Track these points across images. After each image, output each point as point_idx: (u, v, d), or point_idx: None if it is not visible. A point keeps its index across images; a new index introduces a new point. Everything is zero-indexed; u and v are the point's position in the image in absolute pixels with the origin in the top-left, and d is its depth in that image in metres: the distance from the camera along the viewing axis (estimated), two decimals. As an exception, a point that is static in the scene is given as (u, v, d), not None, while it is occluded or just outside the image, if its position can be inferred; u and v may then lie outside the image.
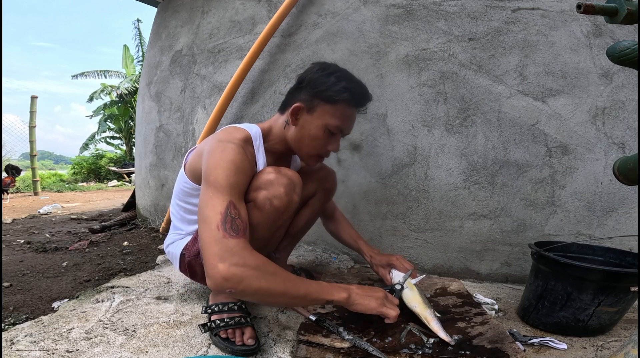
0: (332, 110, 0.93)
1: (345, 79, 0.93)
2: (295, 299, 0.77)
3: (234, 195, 0.80)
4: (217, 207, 0.76)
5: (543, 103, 1.34)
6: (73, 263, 1.55)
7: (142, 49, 10.61)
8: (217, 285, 0.71)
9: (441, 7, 1.44)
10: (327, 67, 0.95)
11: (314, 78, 0.93)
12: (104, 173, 8.74)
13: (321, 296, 0.79)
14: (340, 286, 0.83)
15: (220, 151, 0.85)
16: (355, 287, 0.86)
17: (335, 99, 0.91)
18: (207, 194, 0.80)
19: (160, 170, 2.22)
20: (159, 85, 2.23)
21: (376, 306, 0.83)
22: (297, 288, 0.76)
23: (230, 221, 0.75)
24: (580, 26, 1.31)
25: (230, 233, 0.73)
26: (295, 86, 0.98)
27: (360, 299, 0.83)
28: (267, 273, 0.73)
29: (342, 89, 0.91)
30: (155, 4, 2.40)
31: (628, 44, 0.61)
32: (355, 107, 0.96)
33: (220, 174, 0.80)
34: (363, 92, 0.96)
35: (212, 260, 0.71)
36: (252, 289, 0.71)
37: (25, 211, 3.23)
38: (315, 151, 0.98)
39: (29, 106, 5.05)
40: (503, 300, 1.22)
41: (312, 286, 0.79)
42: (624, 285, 0.92)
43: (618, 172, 0.74)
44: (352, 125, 1.00)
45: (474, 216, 1.43)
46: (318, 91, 0.92)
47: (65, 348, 0.82)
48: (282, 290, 0.74)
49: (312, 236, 1.70)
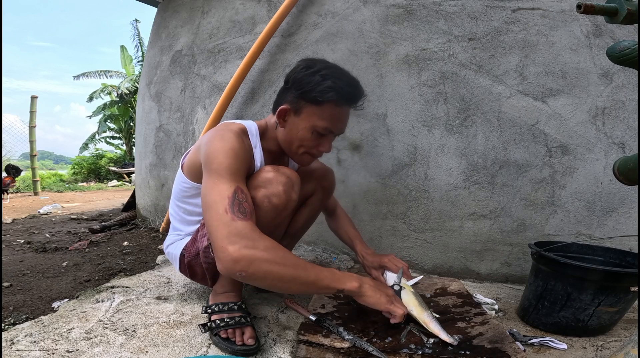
0: (319, 111, 0.88)
1: (332, 77, 0.87)
2: (304, 285, 0.75)
3: (239, 181, 0.80)
4: (223, 192, 0.76)
5: (543, 103, 1.34)
6: (73, 263, 1.55)
7: (142, 49, 10.61)
8: (227, 267, 0.70)
9: (441, 7, 1.44)
10: (313, 65, 0.89)
11: (298, 78, 0.88)
12: (104, 173, 8.74)
13: (332, 284, 0.78)
14: (353, 276, 0.82)
15: (219, 140, 0.85)
16: (368, 279, 0.85)
17: (320, 100, 0.86)
18: (211, 180, 0.79)
19: (160, 170, 2.22)
20: (159, 85, 2.23)
21: (386, 302, 0.83)
22: (308, 273, 0.75)
23: (238, 204, 0.74)
24: (580, 26, 1.31)
25: (239, 216, 0.73)
26: (283, 86, 0.95)
27: (371, 291, 0.82)
28: (277, 256, 0.72)
29: (326, 89, 0.85)
30: (155, 4, 2.40)
31: (628, 44, 0.61)
32: (345, 105, 0.91)
33: (223, 161, 0.80)
34: (352, 91, 0.90)
35: (221, 243, 0.70)
36: (262, 272, 0.70)
37: (25, 211, 3.23)
38: (304, 149, 0.95)
39: (29, 106, 5.05)
40: (503, 300, 1.22)
41: (323, 273, 0.77)
42: (624, 285, 0.92)
43: (618, 172, 0.74)
44: (344, 125, 0.95)
45: (474, 216, 1.43)
46: (303, 92, 0.87)
47: (65, 348, 0.82)
48: (292, 275, 0.72)
49: (312, 235, 1.70)
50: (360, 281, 0.82)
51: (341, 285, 0.79)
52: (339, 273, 0.81)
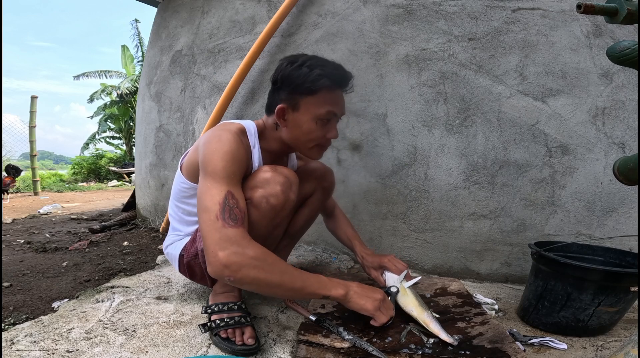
0: (316, 100, 0.90)
1: (318, 65, 0.89)
2: (291, 291, 0.79)
3: (231, 185, 0.81)
4: (215, 197, 0.78)
5: (543, 103, 1.34)
6: (73, 263, 1.55)
7: (142, 49, 10.61)
8: (216, 271, 0.74)
9: (441, 7, 1.44)
10: (296, 60, 0.91)
11: (286, 74, 0.90)
12: (104, 173, 8.74)
13: (318, 291, 0.81)
14: (340, 283, 0.84)
15: (216, 141, 0.86)
16: (355, 285, 0.86)
17: (314, 89, 0.88)
18: (205, 184, 0.81)
19: (160, 170, 2.22)
20: (159, 85, 2.23)
21: (371, 308, 0.84)
22: (294, 280, 0.78)
23: (228, 211, 0.77)
24: (580, 26, 1.31)
25: (229, 223, 0.75)
26: (272, 87, 0.96)
27: (356, 298, 0.84)
28: (265, 263, 0.75)
29: (317, 77, 0.87)
30: (155, 4, 2.40)
31: (628, 44, 0.61)
32: (337, 89, 0.93)
33: (218, 163, 0.82)
34: (340, 73, 0.92)
35: (212, 248, 0.74)
36: (250, 278, 0.73)
37: (25, 211, 3.23)
38: (313, 143, 0.96)
39: (29, 106, 5.05)
40: (503, 300, 1.22)
41: (309, 280, 0.80)
42: (624, 285, 0.92)
43: (618, 172, 0.74)
44: (343, 106, 0.96)
45: (474, 216, 1.43)
46: (295, 87, 0.89)
47: (65, 348, 0.82)
48: (279, 281, 0.76)
49: (312, 236, 1.70)
50: (346, 288, 0.84)
51: (327, 291, 0.81)
52: (326, 280, 0.83)
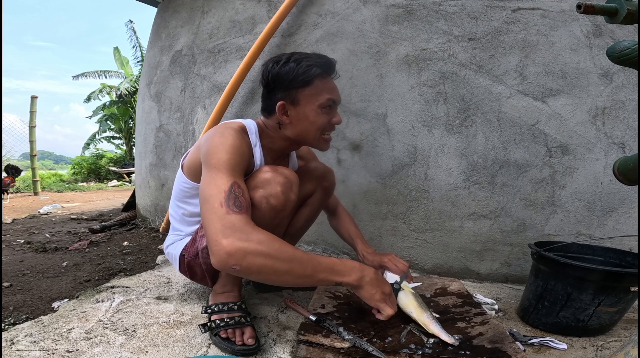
0: (313, 89, 0.92)
1: (302, 58, 0.92)
2: (301, 278, 0.74)
3: (237, 176, 0.81)
4: (220, 186, 0.76)
5: (543, 103, 1.34)
6: (73, 263, 1.55)
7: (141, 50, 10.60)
8: (221, 261, 0.69)
9: (441, 7, 1.44)
10: (279, 59, 0.93)
11: (275, 73, 0.92)
12: (104, 173, 8.74)
13: (330, 277, 0.77)
14: (354, 267, 0.81)
15: (219, 136, 0.86)
16: (372, 272, 0.84)
17: (307, 79, 0.90)
18: (209, 175, 0.80)
19: (160, 170, 2.22)
20: (159, 85, 2.23)
21: (379, 299, 0.83)
22: (304, 266, 0.73)
23: (233, 198, 0.75)
24: (580, 26, 1.31)
25: (234, 209, 0.73)
26: (265, 90, 0.97)
27: (369, 286, 0.82)
28: (272, 248, 0.71)
29: (307, 68, 0.90)
30: (155, 4, 2.40)
31: (628, 44, 0.61)
32: (328, 76, 0.95)
33: (222, 156, 0.81)
34: (324, 61, 0.94)
35: (215, 236, 0.70)
36: (256, 265, 0.69)
37: (25, 211, 3.23)
38: (321, 132, 0.97)
39: (29, 106, 5.05)
40: (503, 300, 1.22)
41: (321, 266, 0.76)
42: (624, 285, 0.92)
43: (618, 172, 0.74)
44: (338, 93, 0.99)
45: (474, 216, 1.43)
46: (289, 82, 0.91)
47: (65, 348, 0.82)
48: (288, 268, 0.72)
49: (312, 236, 1.70)
50: (361, 273, 0.81)
51: (340, 278, 0.78)
52: (341, 264, 0.80)
